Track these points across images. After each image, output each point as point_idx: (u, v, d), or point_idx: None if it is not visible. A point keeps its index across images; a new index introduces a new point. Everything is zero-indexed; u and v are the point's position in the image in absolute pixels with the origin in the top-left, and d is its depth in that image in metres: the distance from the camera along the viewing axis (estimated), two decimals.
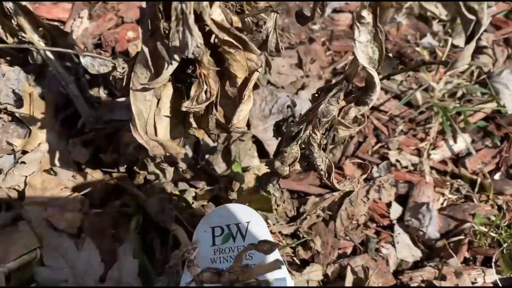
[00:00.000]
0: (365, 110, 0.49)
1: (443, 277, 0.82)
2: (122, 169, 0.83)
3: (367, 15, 0.42)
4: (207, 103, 0.49)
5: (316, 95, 0.56)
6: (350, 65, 0.49)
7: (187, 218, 0.76)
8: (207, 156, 0.87)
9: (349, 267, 0.79)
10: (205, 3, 0.43)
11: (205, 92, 0.49)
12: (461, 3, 0.40)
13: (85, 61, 0.48)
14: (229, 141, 0.87)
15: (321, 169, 0.58)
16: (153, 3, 0.45)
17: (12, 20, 0.72)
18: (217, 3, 0.45)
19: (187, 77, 0.51)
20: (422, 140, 1.03)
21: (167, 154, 0.53)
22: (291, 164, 0.59)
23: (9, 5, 0.70)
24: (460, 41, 1.22)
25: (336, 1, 1.21)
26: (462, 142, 1.03)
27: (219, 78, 0.50)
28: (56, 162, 0.80)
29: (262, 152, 0.94)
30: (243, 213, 0.55)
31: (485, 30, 1.25)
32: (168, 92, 0.52)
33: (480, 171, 0.99)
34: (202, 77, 0.49)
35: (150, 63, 0.47)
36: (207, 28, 0.46)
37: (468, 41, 0.41)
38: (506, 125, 1.05)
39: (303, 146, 0.57)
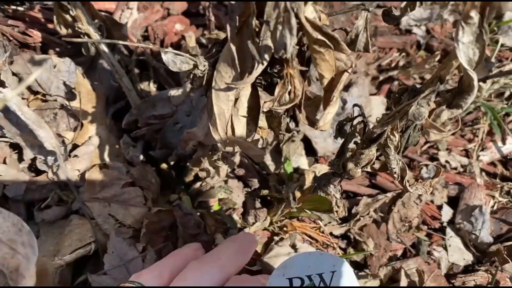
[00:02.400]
0: (458, 113, 0.47)
1: (496, 282, 0.80)
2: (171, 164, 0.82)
3: (475, 15, 0.40)
4: (291, 104, 0.47)
5: (397, 94, 0.54)
6: (443, 65, 0.47)
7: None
8: None
9: (402, 270, 0.78)
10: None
11: (289, 93, 0.48)
12: None
13: (166, 58, 0.46)
14: (280, 141, 0.85)
15: (395, 172, 0.56)
16: None
17: (71, 12, 0.71)
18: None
19: (268, 76, 0.50)
20: (470, 141, 1.01)
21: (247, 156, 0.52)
22: (364, 166, 0.58)
23: None
24: (506, 39, 1.18)
25: None
26: (510, 144, 1.01)
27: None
28: (107, 156, 0.79)
29: (308, 150, 0.92)
30: (326, 261, 0.47)
31: None
32: (246, 92, 0.50)
33: None
34: (287, 77, 0.47)
35: (237, 62, 0.45)
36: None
37: None
38: None
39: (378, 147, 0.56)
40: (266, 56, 0.43)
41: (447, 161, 0.95)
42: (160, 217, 0.68)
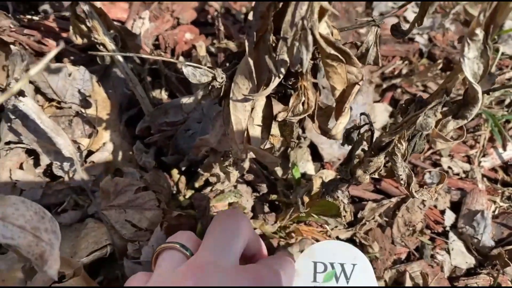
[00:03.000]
0: (464, 123, 0.49)
1: (498, 285, 0.82)
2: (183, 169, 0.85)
3: (479, 32, 0.43)
4: (304, 114, 0.50)
5: (404, 105, 0.56)
6: (448, 78, 0.50)
7: None
8: None
9: (407, 273, 0.80)
10: (315, 18, 0.43)
11: (302, 103, 0.50)
12: None
13: (187, 71, 0.49)
14: (292, 148, 0.87)
15: (402, 178, 0.59)
16: (263, 15, 0.46)
17: (87, 23, 0.73)
18: (325, 17, 0.45)
19: (282, 88, 0.52)
20: (471, 147, 1.03)
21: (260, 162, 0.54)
22: (372, 173, 0.60)
23: (85, 8, 0.72)
24: (506, 48, 1.21)
25: (385, 1, 1.21)
26: (511, 150, 1.03)
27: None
28: (120, 162, 0.82)
29: (315, 156, 0.95)
30: (350, 253, 0.52)
31: None
32: (262, 102, 0.53)
33: None
34: (301, 89, 0.49)
35: (254, 74, 0.48)
36: None
37: None
38: None
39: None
40: (282, 70, 0.46)
41: (449, 167, 0.98)
42: (180, 221, 0.70)
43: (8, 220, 0.37)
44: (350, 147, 0.70)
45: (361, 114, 0.67)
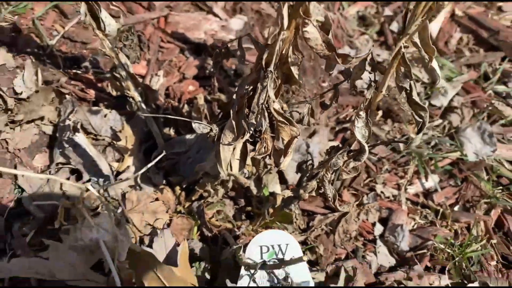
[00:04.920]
0: (359, 164, 0.82)
1: (409, 279, 1.14)
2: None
3: (363, 113, 0.76)
4: (265, 154, 0.82)
5: (329, 149, 0.89)
6: (351, 137, 0.83)
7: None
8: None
9: (342, 268, 1.12)
10: (272, 99, 0.76)
11: (264, 147, 0.83)
12: (414, 114, 0.74)
13: (195, 126, 0.81)
14: (261, 173, 1.20)
15: (329, 197, 0.91)
16: (241, 96, 0.79)
17: (122, 82, 1.06)
18: (277, 99, 0.79)
19: (252, 137, 0.85)
20: (401, 177, 1.36)
21: (238, 182, 0.86)
22: (309, 192, 0.93)
23: (122, 73, 1.04)
24: (437, 101, 1.56)
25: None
26: (431, 181, 1.37)
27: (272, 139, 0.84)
28: (140, 180, 1.13)
29: (282, 179, 1.27)
30: (284, 237, 0.82)
31: (457, 93, 1.60)
32: (240, 145, 0.85)
33: (443, 203, 1.32)
34: (264, 139, 0.82)
35: (235, 130, 0.80)
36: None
37: (418, 132, 0.75)
38: (466, 170, 1.39)
39: (318, 181, 0.91)
40: (252, 129, 0.79)
41: (382, 192, 1.31)
42: (182, 221, 1.02)
43: None
44: (300, 174, 1.03)
45: (308, 152, 1.00)
